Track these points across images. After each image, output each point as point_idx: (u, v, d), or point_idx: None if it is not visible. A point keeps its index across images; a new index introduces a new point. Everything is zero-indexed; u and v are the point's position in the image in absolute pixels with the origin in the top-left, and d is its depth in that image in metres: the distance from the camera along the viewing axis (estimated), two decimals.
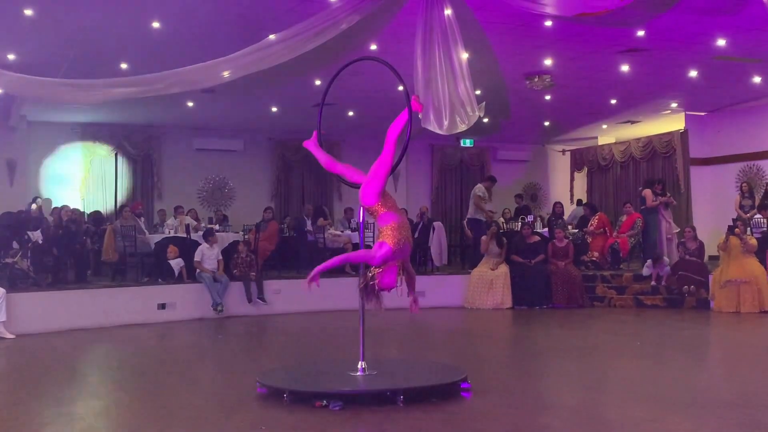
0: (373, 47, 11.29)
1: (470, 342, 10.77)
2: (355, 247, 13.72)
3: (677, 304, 13.07)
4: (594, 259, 14.53)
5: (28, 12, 9.61)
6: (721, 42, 11.44)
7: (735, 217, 14.48)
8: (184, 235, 14.02)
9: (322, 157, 6.94)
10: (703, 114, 17.82)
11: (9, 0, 9.30)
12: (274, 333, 11.53)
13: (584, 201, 19.19)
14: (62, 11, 9.81)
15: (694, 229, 13.79)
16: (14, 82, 10.96)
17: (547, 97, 15.17)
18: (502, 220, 16.00)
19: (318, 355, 9.31)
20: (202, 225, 15.43)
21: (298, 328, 11.61)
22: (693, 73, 13.45)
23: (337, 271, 13.65)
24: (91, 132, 17.47)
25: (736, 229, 12.73)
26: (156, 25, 10.24)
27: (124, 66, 11.92)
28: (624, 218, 15.19)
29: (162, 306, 12.12)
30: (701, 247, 13.54)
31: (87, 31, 10.59)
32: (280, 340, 11.01)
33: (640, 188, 15.85)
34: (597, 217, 15.31)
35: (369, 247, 13.25)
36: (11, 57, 11.41)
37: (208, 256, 12.54)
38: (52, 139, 17.20)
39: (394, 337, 10.73)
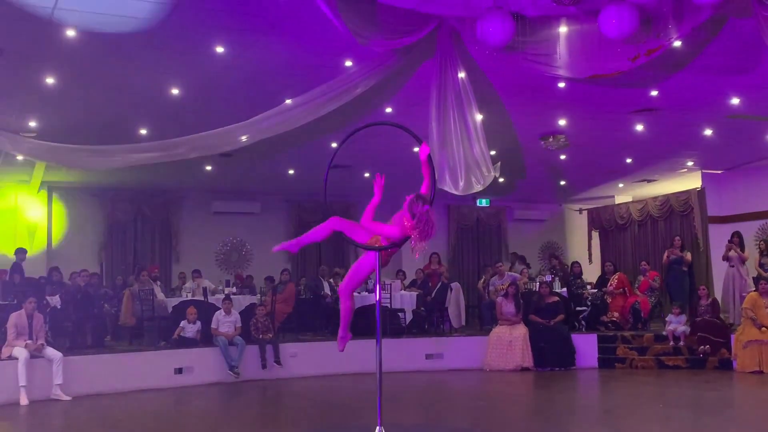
0: (389, 110, 11.42)
1: (489, 405, 10.58)
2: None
3: (699, 364, 12.84)
4: (614, 319, 14.36)
5: (50, 80, 9.82)
6: (735, 101, 11.49)
7: (755, 275, 14.32)
8: (202, 299, 14.07)
9: (319, 236, 6.93)
10: (719, 172, 17.79)
11: (31, 69, 9.51)
12: (290, 398, 11.39)
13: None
14: (83, 79, 10.00)
15: (706, 287, 14.07)
16: (35, 149, 11.17)
17: (563, 157, 15.20)
18: (524, 281, 15.80)
19: (335, 421, 9.18)
20: (220, 288, 15.45)
21: (314, 393, 11.48)
22: (708, 132, 13.47)
23: (353, 333, 13.58)
24: (110, 196, 17.65)
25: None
26: (175, 91, 10.42)
27: (143, 131, 12.12)
28: (641, 278, 15.19)
29: (179, 370, 12.05)
30: (715, 304, 13.48)
31: (107, 98, 10.79)
32: (296, 405, 10.86)
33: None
34: (616, 276, 15.15)
35: (386, 307, 13.32)
36: (33, 124, 11.62)
37: (224, 322, 12.52)
38: (72, 204, 17.38)
39: (411, 400, 10.59)
